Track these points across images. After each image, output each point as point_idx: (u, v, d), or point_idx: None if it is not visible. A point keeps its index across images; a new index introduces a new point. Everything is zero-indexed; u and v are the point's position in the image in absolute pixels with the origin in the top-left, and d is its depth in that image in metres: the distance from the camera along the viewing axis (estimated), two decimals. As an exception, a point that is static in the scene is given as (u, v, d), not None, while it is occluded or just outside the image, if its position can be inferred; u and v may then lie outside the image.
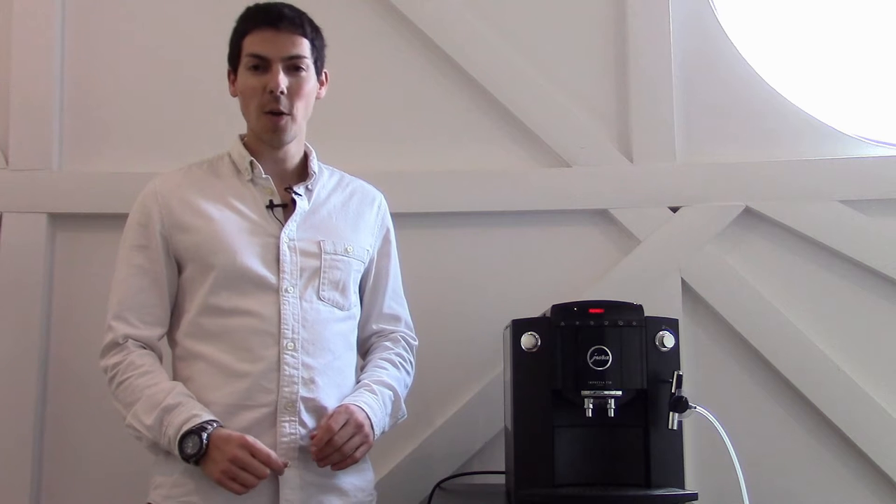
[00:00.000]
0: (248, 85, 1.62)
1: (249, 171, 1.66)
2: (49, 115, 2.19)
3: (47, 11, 2.21)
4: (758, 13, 2.32)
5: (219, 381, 1.54)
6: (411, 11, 2.21)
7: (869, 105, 2.27)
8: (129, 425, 1.54)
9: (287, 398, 1.54)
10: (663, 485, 1.58)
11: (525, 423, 1.62)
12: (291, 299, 1.58)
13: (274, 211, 1.63)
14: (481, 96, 2.21)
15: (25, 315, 2.12)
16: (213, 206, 1.62)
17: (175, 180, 1.67)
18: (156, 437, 1.51)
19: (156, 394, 1.52)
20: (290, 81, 1.61)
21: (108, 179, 2.17)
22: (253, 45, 1.61)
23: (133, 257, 1.62)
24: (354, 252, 1.68)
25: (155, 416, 1.50)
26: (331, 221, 1.67)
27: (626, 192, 2.16)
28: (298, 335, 1.56)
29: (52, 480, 2.11)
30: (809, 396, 2.06)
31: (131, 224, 1.65)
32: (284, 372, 1.54)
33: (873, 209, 2.12)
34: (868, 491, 2.04)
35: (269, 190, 1.65)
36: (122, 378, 1.56)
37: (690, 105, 2.20)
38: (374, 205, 1.77)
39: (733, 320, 2.10)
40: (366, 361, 1.72)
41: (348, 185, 1.76)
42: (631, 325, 1.60)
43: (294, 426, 1.53)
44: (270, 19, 1.61)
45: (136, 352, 1.58)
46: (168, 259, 1.61)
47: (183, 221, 1.60)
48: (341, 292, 1.64)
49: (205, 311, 1.57)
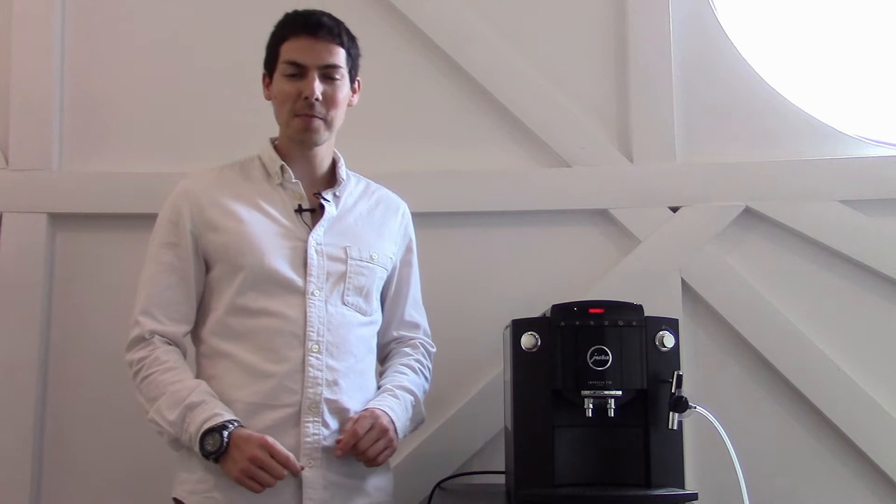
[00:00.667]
0: (283, 90, 1.65)
1: (279, 175, 1.69)
2: (49, 115, 2.19)
3: (47, 11, 2.21)
4: (758, 13, 2.32)
5: (244, 380, 1.57)
6: (411, 11, 2.21)
7: (869, 105, 2.27)
8: (152, 420, 1.56)
9: (311, 399, 1.57)
10: (663, 485, 1.58)
11: (525, 423, 1.61)
12: (317, 302, 1.61)
13: (302, 215, 1.67)
14: (481, 96, 2.21)
15: (25, 315, 2.12)
16: (244, 207, 1.64)
17: (207, 180, 1.69)
18: (177, 433, 1.53)
19: (180, 390, 1.54)
20: (325, 89, 1.64)
21: (108, 179, 2.17)
22: (290, 52, 1.64)
23: (162, 254, 1.64)
24: (379, 259, 1.71)
25: (178, 412, 1.52)
26: (357, 228, 1.71)
27: (626, 192, 2.16)
28: (323, 338, 1.60)
29: (52, 480, 2.11)
30: (809, 396, 2.06)
31: (162, 222, 1.67)
32: (309, 373, 1.57)
33: (873, 209, 2.12)
34: (868, 491, 2.04)
35: (298, 194, 1.68)
36: (147, 373, 1.58)
37: (690, 105, 2.20)
38: (398, 214, 1.80)
39: (733, 320, 2.10)
40: (385, 366, 1.77)
41: (374, 192, 1.80)
42: (631, 325, 1.60)
43: (317, 427, 1.56)
44: (309, 27, 1.64)
45: (161, 347, 1.60)
46: (196, 258, 1.64)
47: (213, 221, 1.63)
48: (365, 298, 1.68)
49: (232, 310, 1.60)
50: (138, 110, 2.23)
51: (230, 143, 2.20)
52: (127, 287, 2.14)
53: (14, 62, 2.20)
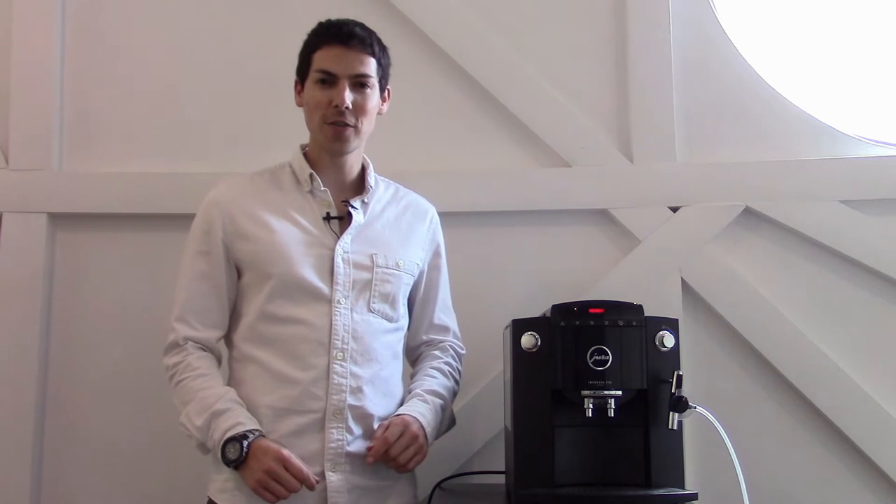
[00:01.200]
0: (314, 98, 1.67)
1: (308, 183, 1.71)
2: (49, 115, 2.19)
3: (47, 12, 2.21)
4: (758, 14, 2.32)
5: (271, 386, 1.61)
6: (411, 11, 2.21)
7: (869, 105, 2.27)
8: (182, 423, 1.62)
9: (335, 406, 1.61)
10: (663, 485, 1.58)
11: (525, 422, 1.61)
12: (343, 310, 1.64)
13: (330, 223, 1.69)
14: (481, 96, 2.21)
15: (25, 315, 2.12)
16: (273, 216, 1.67)
17: (238, 188, 1.72)
18: (203, 439, 1.59)
19: (208, 397, 1.60)
20: (356, 97, 1.66)
21: (108, 179, 2.17)
22: (322, 61, 1.67)
23: (196, 263, 1.69)
24: (405, 266, 1.74)
25: (204, 418, 1.58)
26: (384, 235, 1.74)
27: (626, 192, 2.16)
28: (348, 345, 1.63)
29: (52, 480, 2.11)
30: (809, 396, 2.06)
31: (195, 231, 1.71)
32: (333, 381, 1.61)
33: (873, 209, 2.12)
34: (867, 490, 2.04)
35: (326, 202, 1.71)
36: (180, 378, 1.64)
37: (690, 105, 2.20)
38: (426, 219, 1.83)
39: (733, 320, 2.10)
40: (416, 370, 1.81)
41: (402, 198, 1.83)
42: (631, 325, 1.60)
43: (341, 432, 1.61)
44: (341, 37, 1.66)
45: (194, 353, 1.66)
46: (228, 265, 1.68)
47: (244, 230, 1.66)
48: (391, 305, 1.71)
49: (262, 317, 1.64)
50: (138, 110, 2.23)
51: (230, 143, 2.21)
52: (127, 287, 2.16)
53: (14, 62, 2.20)
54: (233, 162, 2.13)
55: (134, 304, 2.15)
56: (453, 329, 1.86)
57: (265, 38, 2.24)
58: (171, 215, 2.12)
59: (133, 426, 2.12)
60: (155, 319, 2.08)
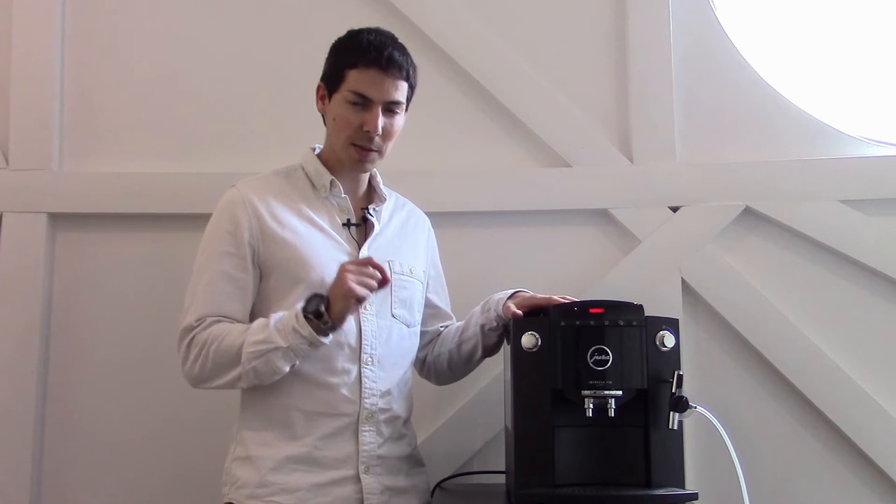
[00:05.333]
0: (344, 117, 1.65)
1: (327, 189, 1.71)
2: (49, 115, 2.19)
3: (47, 11, 2.21)
4: (758, 13, 2.32)
5: (302, 390, 1.62)
6: (411, 11, 2.21)
7: (869, 105, 2.27)
8: (247, 356, 1.54)
9: (368, 409, 1.64)
10: (663, 485, 1.58)
11: (525, 422, 1.61)
12: (370, 316, 1.67)
13: (350, 230, 1.70)
14: (481, 96, 2.21)
15: (25, 315, 2.12)
16: (299, 220, 1.67)
17: (261, 188, 1.69)
18: (274, 340, 1.53)
19: (251, 325, 1.57)
20: (386, 123, 1.65)
21: (108, 179, 2.17)
22: (358, 83, 1.63)
23: (220, 263, 1.63)
24: (416, 273, 1.77)
25: (265, 332, 1.54)
26: (395, 242, 1.76)
27: (626, 192, 2.16)
28: (376, 350, 1.66)
29: (52, 480, 2.11)
30: (809, 396, 2.06)
31: (217, 231, 1.65)
32: (365, 385, 1.64)
33: (873, 209, 2.12)
34: (868, 490, 2.04)
35: (346, 209, 1.71)
36: (212, 344, 1.57)
37: (690, 105, 2.20)
38: (425, 229, 1.88)
39: (733, 320, 2.10)
40: (445, 334, 1.87)
41: (404, 206, 1.85)
42: (631, 324, 1.59)
43: (373, 435, 1.65)
44: (381, 62, 1.63)
45: (213, 326, 1.59)
46: (254, 268, 1.65)
47: (272, 233, 1.64)
48: (409, 310, 1.74)
49: None
50: (138, 110, 2.23)
51: (230, 143, 2.21)
52: (127, 287, 2.16)
53: (14, 62, 2.20)
54: (233, 162, 2.13)
55: (134, 303, 2.14)
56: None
57: (266, 39, 2.24)
58: (171, 215, 2.13)
59: (133, 426, 2.12)
60: (155, 319, 2.09)
